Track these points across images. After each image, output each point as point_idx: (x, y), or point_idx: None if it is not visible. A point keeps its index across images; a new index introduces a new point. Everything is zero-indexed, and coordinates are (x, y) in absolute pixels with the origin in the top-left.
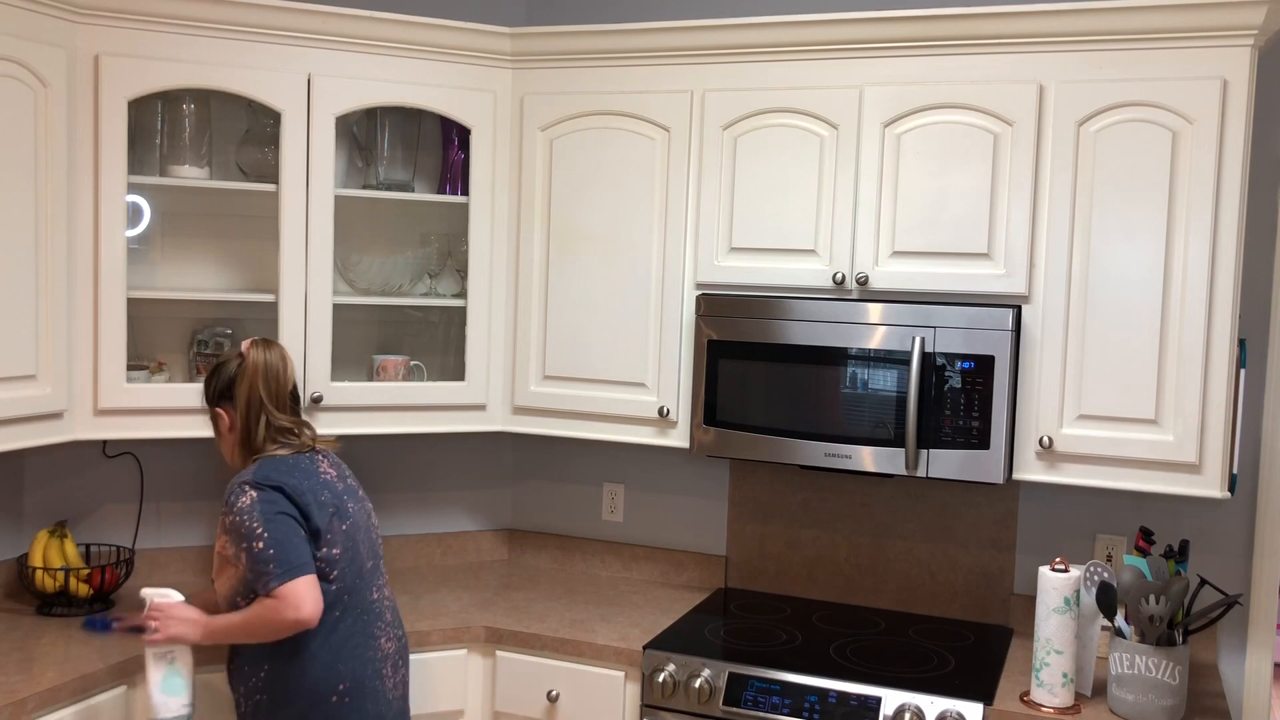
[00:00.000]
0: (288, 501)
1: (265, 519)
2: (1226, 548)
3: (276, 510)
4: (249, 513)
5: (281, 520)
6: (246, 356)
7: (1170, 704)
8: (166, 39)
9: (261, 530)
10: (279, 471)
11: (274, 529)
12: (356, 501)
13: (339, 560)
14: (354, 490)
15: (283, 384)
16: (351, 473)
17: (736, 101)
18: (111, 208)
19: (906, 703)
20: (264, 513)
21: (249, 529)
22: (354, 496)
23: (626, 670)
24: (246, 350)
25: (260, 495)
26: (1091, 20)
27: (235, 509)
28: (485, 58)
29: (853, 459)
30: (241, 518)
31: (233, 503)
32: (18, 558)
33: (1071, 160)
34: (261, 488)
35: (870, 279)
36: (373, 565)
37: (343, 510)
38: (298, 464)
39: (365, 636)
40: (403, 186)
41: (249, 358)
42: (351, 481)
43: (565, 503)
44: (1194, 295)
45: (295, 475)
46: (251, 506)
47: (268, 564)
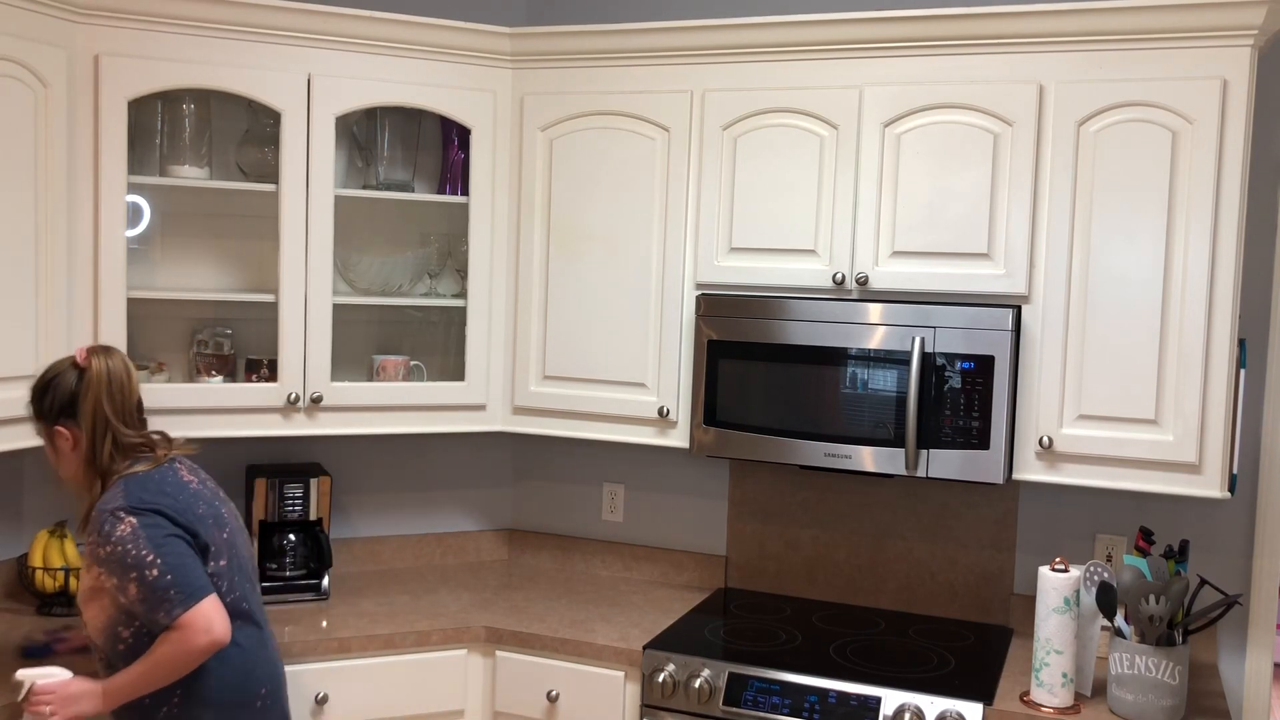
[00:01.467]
0: (170, 523)
1: (154, 545)
2: (1226, 548)
3: (164, 534)
4: (132, 541)
5: (171, 543)
6: (89, 367)
7: (1170, 704)
8: (166, 39)
9: (153, 558)
10: (150, 492)
11: (166, 554)
12: (224, 504)
13: (226, 571)
14: (217, 493)
15: (129, 396)
16: (207, 474)
17: (736, 101)
18: (111, 208)
19: (906, 703)
20: (150, 538)
21: (137, 558)
22: (220, 499)
23: (626, 670)
24: (85, 359)
25: (141, 520)
26: (1091, 20)
27: (113, 539)
28: (485, 58)
29: (853, 459)
30: (124, 547)
31: (108, 532)
32: (18, 558)
33: (1071, 160)
34: (139, 512)
35: (870, 279)
36: (253, 569)
37: (219, 518)
38: (164, 479)
39: (268, 644)
40: (403, 186)
41: (91, 368)
42: (211, 484)
43: (565, 503)
44: (1194, 295)
45: (167, 493)
46: (134, 534)
47: (167, 590)
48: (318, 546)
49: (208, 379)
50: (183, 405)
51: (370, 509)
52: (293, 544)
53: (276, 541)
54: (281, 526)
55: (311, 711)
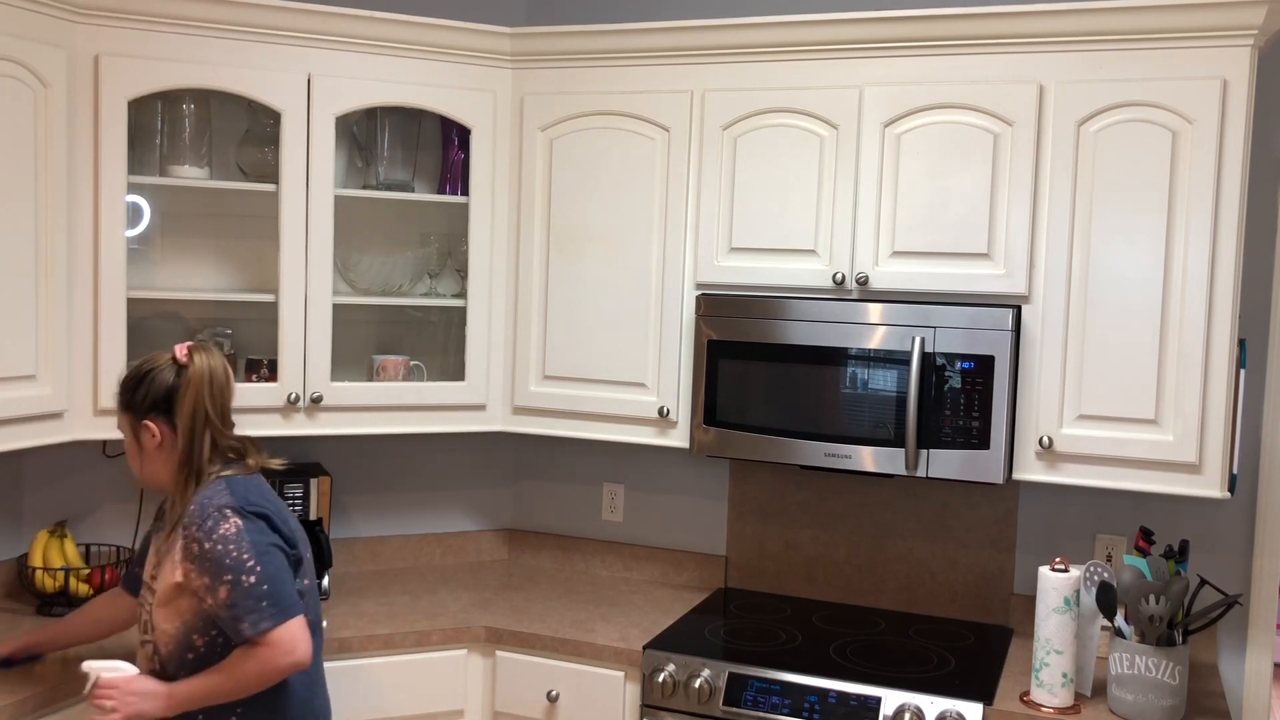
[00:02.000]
0: (274, 532)
1: (257, 551)
2: (1226, 548)
3: (268, 542)
4: (235, 542)
5: (272, 554)
6: (191, 363)
7: (1170, 704)
8: (166, 39)
9: (254, 564)
10: (257, 495)
11: (267, 563)
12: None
13: (309, 590)
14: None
15: (228, 397)
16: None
17: (736, 101)
18: (111, 208)
19: (906, 703)
20: (255, 543)
21: (237, 561)
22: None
23: (626, 670)
24: (186, 357)
25: (246, 524)
26: (1091, 20)
27: (215, 536)
28: (485, 58)
29: (853, 459)
30: (226, 547)
31: (209, 529)
32: (18, 558)
33: (1071, 160)
34: (245, 514)
35: (870, 279)
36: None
37: (302, 538)
38: (261, 486)
39: (323, 668)
40: (403, 186)
41: (195, 365)
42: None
43: (565, 503)
44: (1194, 295)
45: (268, 498)
46: (238, 535)
47: (260, 602)
48: (318, 546)
49: None
50: None
51: (370, 509)
52: None
53: None
54: None
55: None
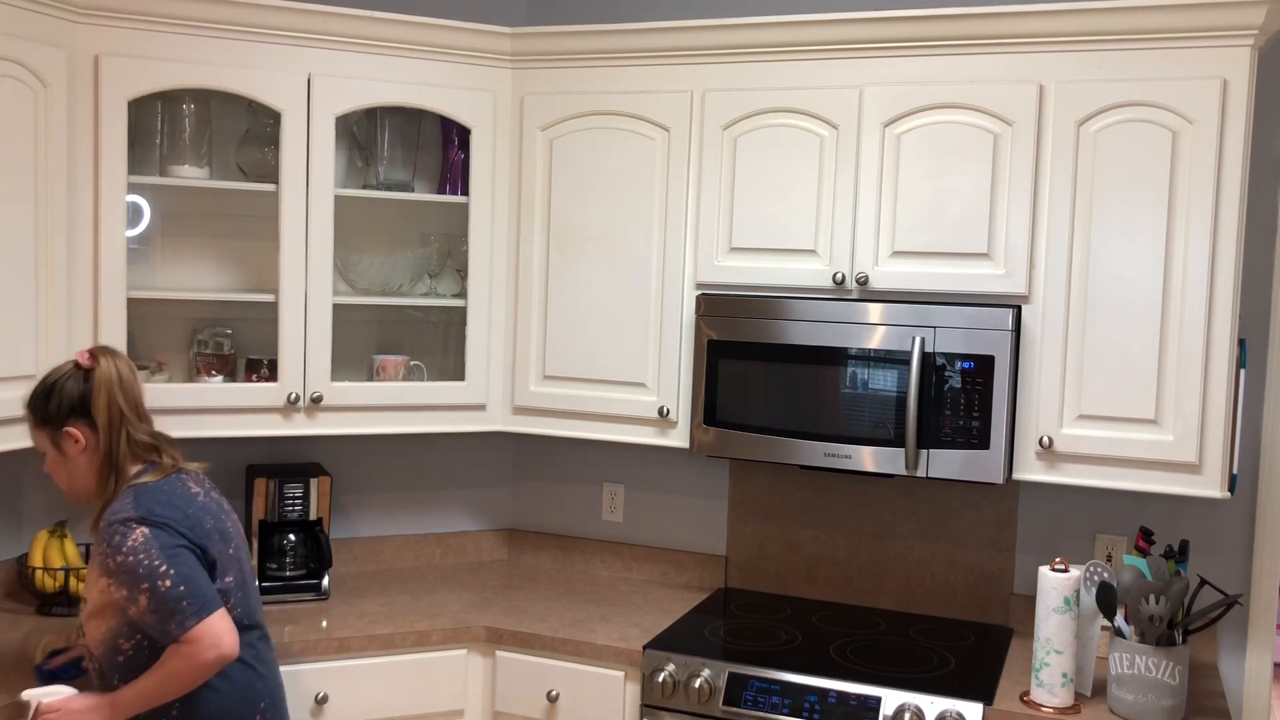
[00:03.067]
0: (180, 536)
1: (167, 555)
2: (1226, 548)
3: (175, 545)
4: (144, 551)
5: (182, 555)
6: (96, 366)
7: (1170, 704)
8: (166, 39)
9: (166, 568)
10: (160, 504)
11: (178, 565)
12: (227, 516)
13: (233, 587)
14: (221, 504)
15: (138, 394)
16: (213, 485)
17: (736, 101)
18: (111, 208)
19: (906, 703)
20: (163, 548)
21: (150, 568)
22: (225, 512)
23: (626, 670)
24: (89, 361)
25: (152, 532)
26: (1091, 20)
27: (124, 549)
28: (485, 58)
29: (853, 459)
30: (136, 557)
31: (118, 543)
32: (18, 558)
33: (1071, 160)
34: (150, 523)
35: (870, 279)
36: (256, 585)
37: (225, 533)
38: (172, 491)
39: (270, 655)
40: (403, 186)
41: (100, 366)
42: (216, 495)
43: (565, 503)
44: (1194, 295)
45: (176, 506)
46: (146, 544)
47: (179, 602)
48: (318, 546)
49: (208, 379)
50: (183, 405)
51: (370, 509)
52: (293, 544)
53: (276, 541)
54: (281, 526)
55: (311, 711)
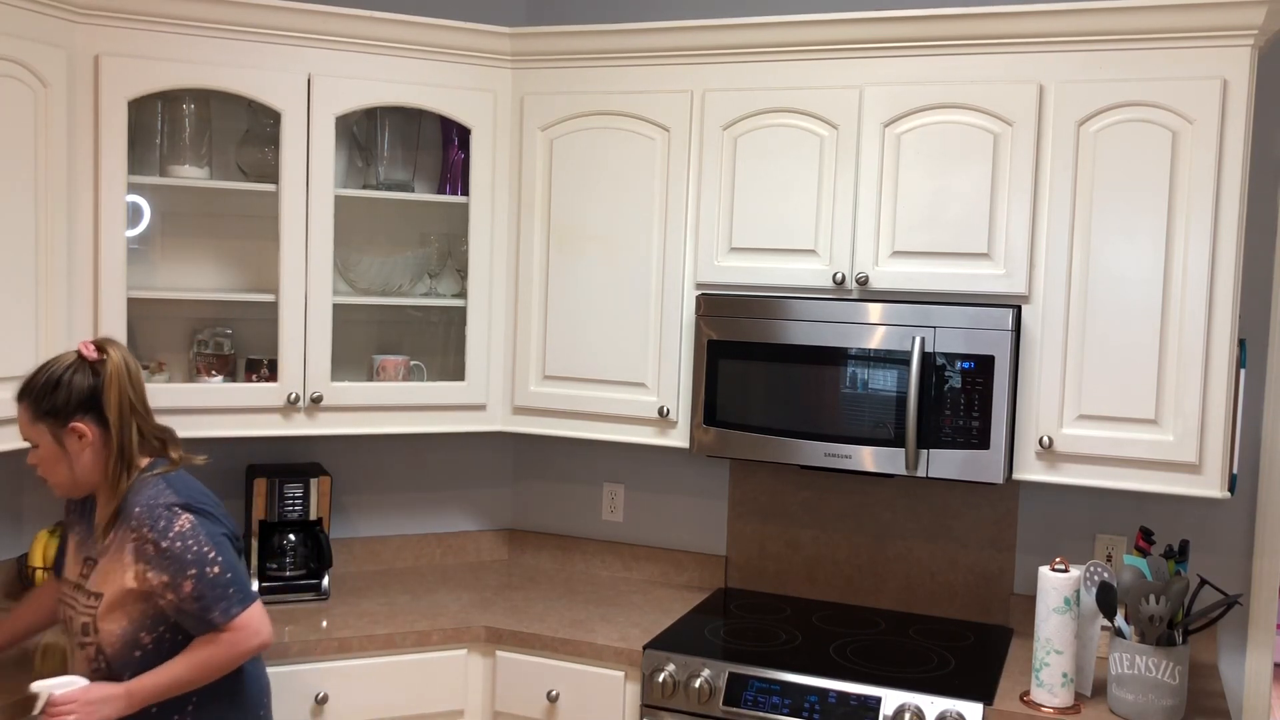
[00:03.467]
0: (221, 524)
1: (215, 542)
2: (1226, 548)
3: (219, 532)
4: (193, 536)
5: (225, 543)
6: (107, 358)
7: (1170, 704)
8: (166, 39)
9: (214, 554)
10: (197, 492)
11: (224, 552)
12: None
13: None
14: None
15: (143, 386)
16: None
17: (736, 101)
18: (111, 208)
19: (906, 703)
20: (210, 535)
21: (199, 554)
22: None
23: (626, 670)
24: (93, 353)
25: (198, 518)
26: (1091, 20)
27: (171, 534)
28: (485, 58)
29: (853, 459)
30: (185, 543)
31: (164, 528)
32: (18, 558)
33: (1071, 160)
34: (194, 510)
35: (870, 279)
36: None
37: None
38: (196, 482)
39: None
40: (403, 186)
41: (111, 358)
42: None
43: (565, 503)
44: (1194, 295)
45: (208, 495)
46: (194, 530)
47: (226, 589)
48: (318, 546)
49: (208, 379)
50: (183, 405)
51: (370, 509)
52: (293, 544)
53: (276, 541)
54: (281, 526)
55: (311, 711)
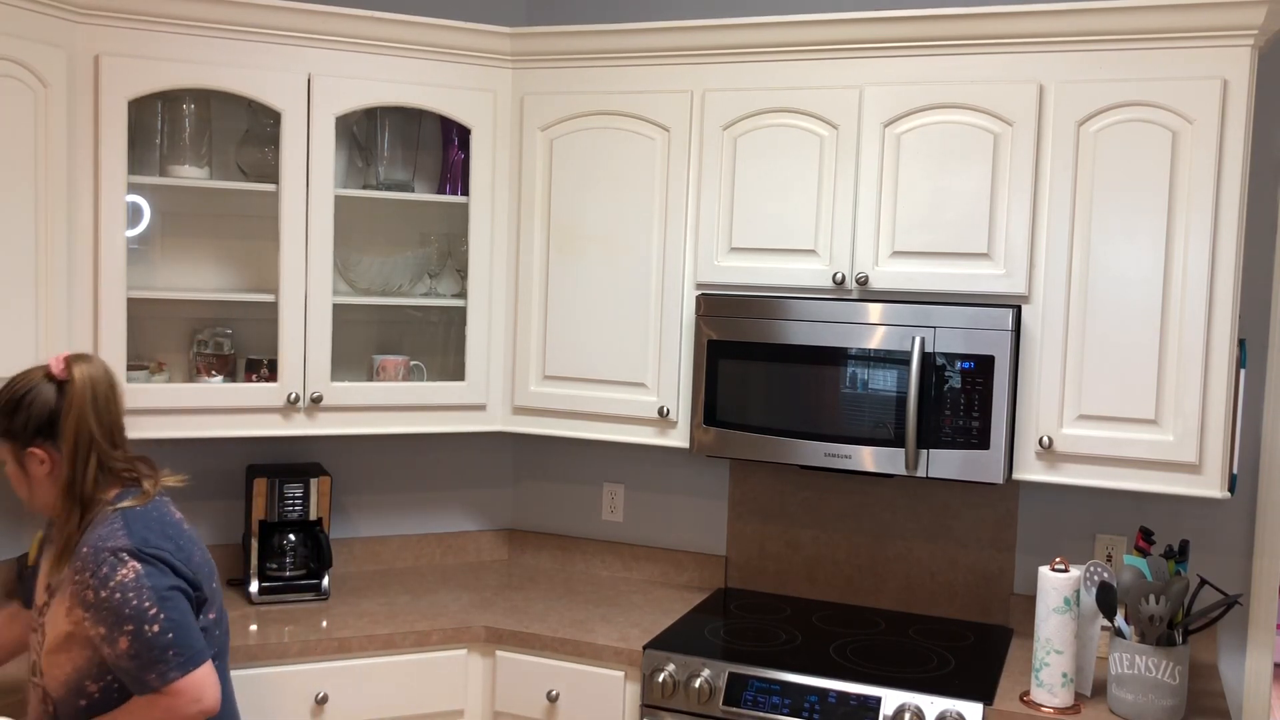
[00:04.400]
0: (173, 574)
1: (159, 597)
2: (1226, 548)
3: (168, 585)
4: (134, 589)
5: (174, 598)
6: (71, 379)
7: (1170, 704)
8: (166, 39)
9: (156, 611)
10: (154, 533)
11: (170, 609)
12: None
13: (214, 624)
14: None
15: (115, 412)
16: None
17: (736, 101)
18: (111, 208)
19: (906, 703)
20: (155, 589)
21: (138, 609)
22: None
23: (626, 670)
24: (63, 370)
25: (145, 568)
26: (1091, 20)
27: (111, 584)
28: (485, 58)
29: (852, 459)
30: (125, 595)
31: (105, 575)
32: (18, 558)
33: (1071, 160)
34: (144, 558)
35: (870, 279)
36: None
37: (209, 566)
38: (162, 519)
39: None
40: (403, 186)
41: (75, 380)
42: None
43: (565, 503)
44: (1194, 295)
45: (169, 536)
46: (137, 582)
47: (165, 651)
48: (318, 546)
49: (208, 379)
50: (183, 405)
51: (370, 509)
52: (293, 544)
53: (276, 541)
54: (281, 526)
55: (311, 711)
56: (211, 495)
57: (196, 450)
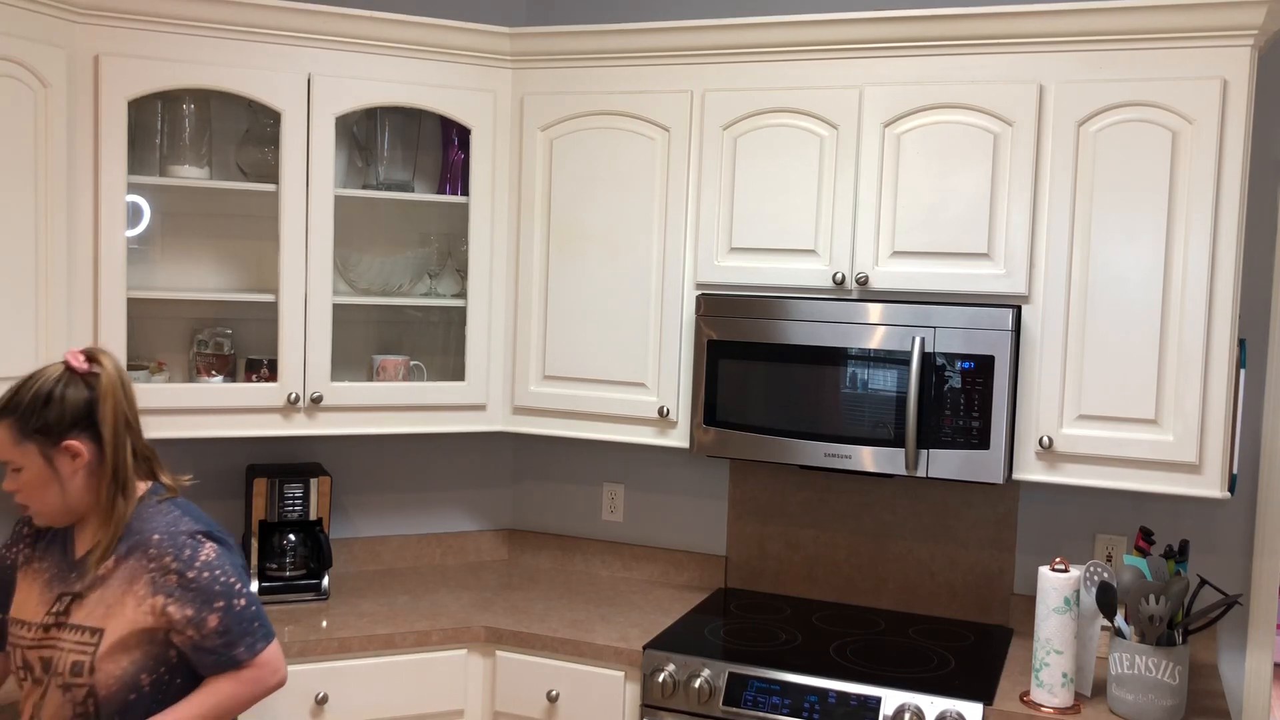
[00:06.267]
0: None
1: (239, 573)
2: (1226, 548)
3: (241, 564)
4: (220, 567)
5: (245, 575)
6: (102, 370)
7: (1170, 704)
8: (166, 39)
9: (241, 586)
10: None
11: (248, 584)
12: None
13: None
14: None
15: (134, 399)
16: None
17: (736, 101)
18: (111, 208)
19: (906, 703)
20: (234, 566)
21: (227, 585)
22: None
23: (626, 670)
24: (85, 365)
25: (222, 548)
26: (1091, 20)
27: (197, 564)
28: (485, 58)
29: (853, 459)
30: (213, 573)
31: (189, 557)
32: None
33: (1071, 160)
34: (216, 539)
35: (870, 279)
36: None
37: None
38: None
39: None
40: (403, 186)
41: (105, 370)
42: None
43: (565, 503)
44: (1194, 295)
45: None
46: (220, 560)
47: (252, 623)
48: (318, 546)
49: (208, 379)
50: (183, 405)
51: (370, 509)
52: (293, 544)
53: (276, 541)
54: (281, 526)
55: (311, 711)
56: (211, 495)
57: (196, 450)
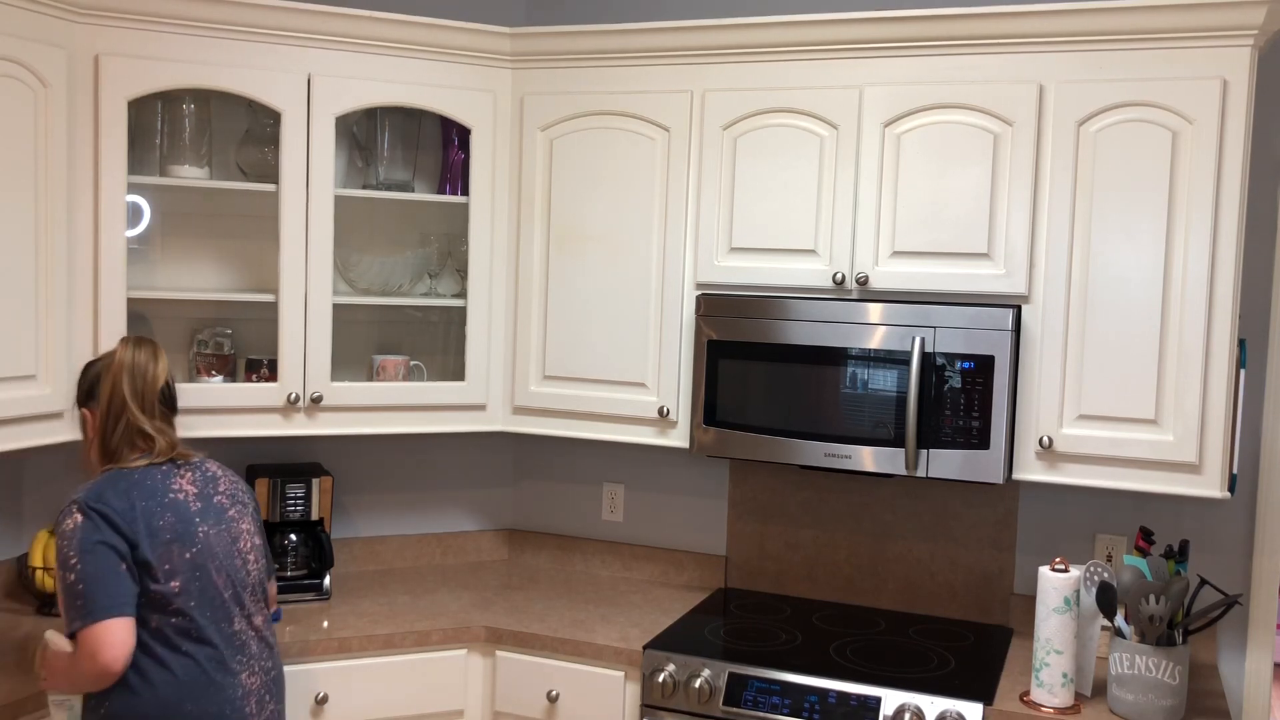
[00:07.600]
0: (111, 530)
1: (82, 549)
2: (1226, 548)
3: (96, 540)
4: (67, 538)
5: (99, 552)
6: (114, 354)
7: (1170, 704)
8: (166, 39)
9: (75, 561)
10: (114, 491)
11: (89, 562)
12: (217, 523)
13: (180, 593)
14: (219, 510)
15: (150, 383)
16: (229, 489)
17: (736, 101)
18: (111, 208)
19: (906, 703)
20: (83, 541)
21: (63, 557)
22: (215, 517)
23: (626, 670)
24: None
25: (83, 521)
26: (1091, 20)
27: (59, 530)
28: (485, 58)
29: (852, 459)
30: (61, 543)
31: (59, 522)
32: (18, 558)
33: (1071, 160)
34: (88, 511)
35: (870, 279)
36: (233, 594)
37: (188, 536)
38: (143, 480)
39: (221, 672)
40: (403, 186)
41: (117, 355)
42: (221, 499)
43: (565, 503)
44: (1194, 295)
45: (132, 495)
46: (73, 532)
47: (75, 600)
48: (319, 546)
49: (208, 379)
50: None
51: (371, 509)
52: (294, 544)
53: (278, 541)
54: (283, 526)
55: (311, 711)
56: None
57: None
